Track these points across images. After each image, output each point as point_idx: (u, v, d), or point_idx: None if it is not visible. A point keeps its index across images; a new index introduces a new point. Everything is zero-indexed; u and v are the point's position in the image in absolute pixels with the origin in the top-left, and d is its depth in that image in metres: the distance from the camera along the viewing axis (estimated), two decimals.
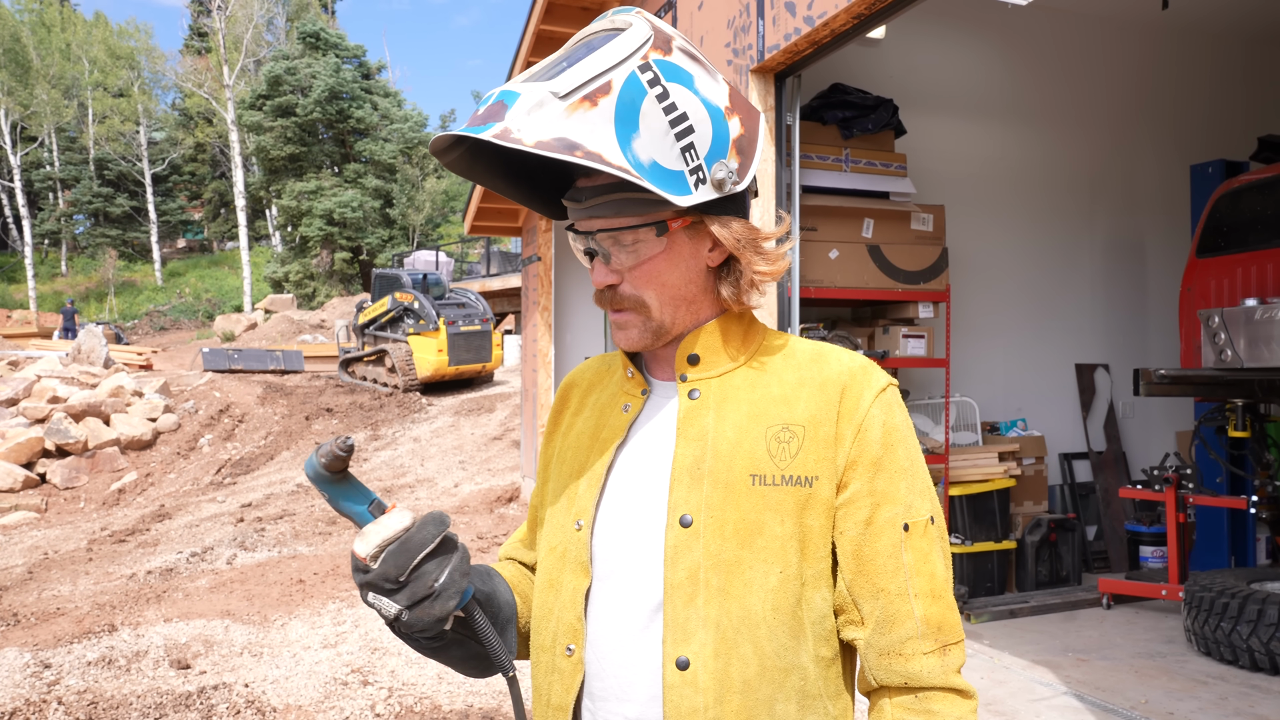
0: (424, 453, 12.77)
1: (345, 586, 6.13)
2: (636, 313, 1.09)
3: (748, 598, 1.01)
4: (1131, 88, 6.79)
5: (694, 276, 1.10)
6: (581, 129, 0.96)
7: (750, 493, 1.03)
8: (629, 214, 1.04)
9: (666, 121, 0.99)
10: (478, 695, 4.25)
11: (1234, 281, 5.31)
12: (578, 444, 1.19)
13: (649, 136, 0.98)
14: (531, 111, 0.95)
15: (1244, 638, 4.32)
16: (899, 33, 5.95)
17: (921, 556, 1.05)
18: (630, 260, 1.07)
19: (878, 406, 1.06)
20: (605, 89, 0.97)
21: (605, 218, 1.05)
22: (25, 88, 38.71)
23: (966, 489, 5.53)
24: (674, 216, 1.05)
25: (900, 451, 1.06)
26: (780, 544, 1.02)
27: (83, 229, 44.62)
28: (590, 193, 1.05)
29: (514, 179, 1.13)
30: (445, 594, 0.97)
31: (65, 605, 5.96)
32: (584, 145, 0.95)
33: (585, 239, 1.08)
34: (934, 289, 5.39)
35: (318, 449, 0.99)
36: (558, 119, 0.95)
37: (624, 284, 1.08)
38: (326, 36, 37.31)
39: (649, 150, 0.98)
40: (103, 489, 11.54)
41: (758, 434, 1.06)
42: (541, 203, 1.16)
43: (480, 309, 17.96)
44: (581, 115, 0.96)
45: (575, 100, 0.96)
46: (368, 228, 36.14)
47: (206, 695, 4.24)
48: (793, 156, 4.38)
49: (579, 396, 1.26)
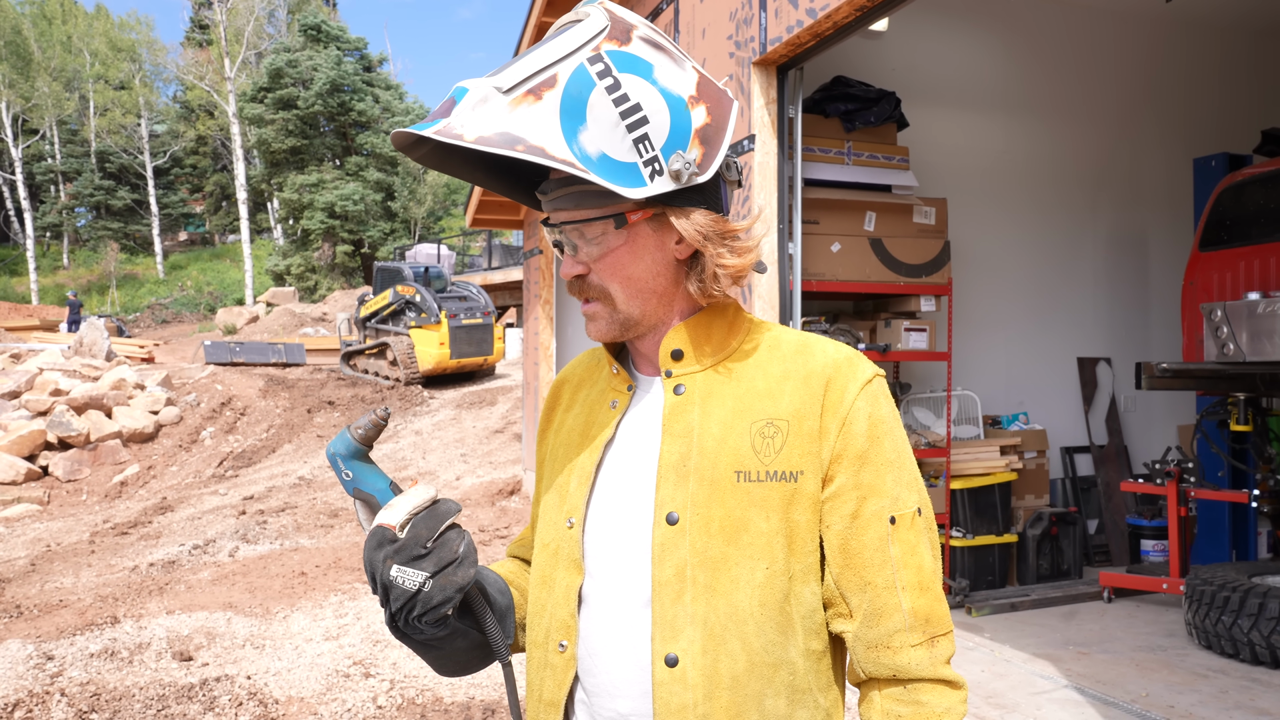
0: (426, 446, 12.78)
1: (347, 579, 6.14)
2: (603, 303, 1.10)
3: (735, 594, 1.01)
4: (1135, 80, 6.77)
5: (661, 269, 1.09)
6: (524, 124, 0.96)
7: (735, 489, 1.03)
8: (588, 206, 1.04)
9: (617, 113, 0.98)
10: (479, 688, 4.26)
11: (1236, 275, 5.30)
12: (568, 441, 1.19)
13: (597, 129, 0.98)
14: (475, 107, 0.96)
15: (1245, 631, 4.32)
16: (902, 25, 5.93)
17: (909, 549, 1.04)
18: (596, 251, 1.07)
19: (863, 399, 1.05)
20: (550, 82, 0.98)
21: (567, 210, 1.06)
22: (27, 80, 38.70)
23: (968, 482, 5.53)
24: (633, 209, 1.04)
25: (886, 444, 1.06)
26: (766, 540, 1.02)
27: (84, 222, 44.62)
28: (554, 185, 1.06)
29: (491, 172, 1.14)
30: (467, 560, 1.01)
31: (68, 597, 5.97)
32: (526, 140, 0.95)
33: (554, 230, 1.09)
34: (936, 282, 5.38)
35: (350, 425, 1.04)
36: (500, 114, 0.96)
37: (591, 274, 1.09)
38: (328, 29, 37.25)
39: (597, 143, 0.98)
40: (105, 481, 11.56)
41: (742, 429, 1.05)
42: (525, 195, 1.16)
43: (482, 302, 17.95)
44: (525, 110, 0.96)
45: (518, 95, 0.97)
46: (369, 221, 36.13)
47: (209, 687, 4.25)
48: (795, 149, 4.37)
49: (570, 393, 1.26)
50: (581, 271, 1.09)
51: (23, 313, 29.26)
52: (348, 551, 6.96)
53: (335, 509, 8.87)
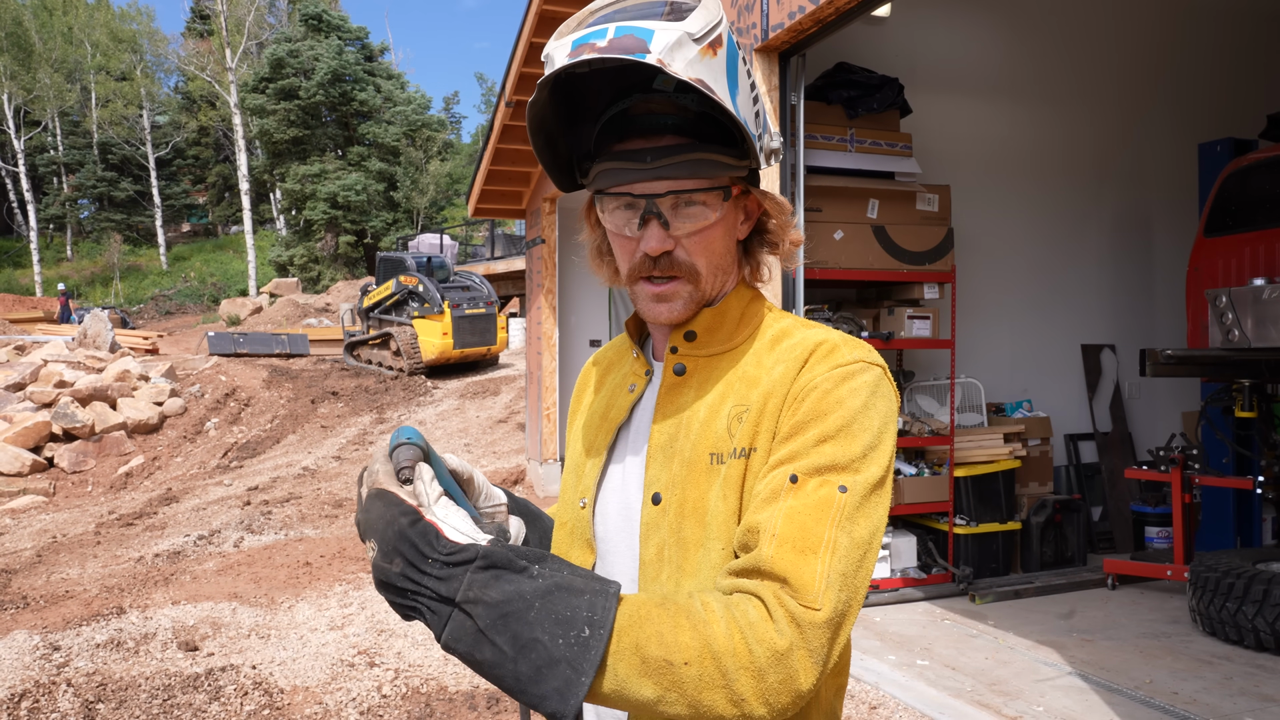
0: (429, 436, 12.79)
1: (351, 569, 6.15)
2: (687, 281, 1.07)
3: (700, 574, 1.01)
4: (1139, 65, 6.72)
5: (731, 246, 1.11)
6: (710, 74, 0.95)
7: (708, 471, 1.03)
8: (702, 176, 1.02)
9: (749, 84, 1.01)
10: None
11: (1242, 261, 5.27)
12: (590, 424, 1.21)
13: (742, 97, 1.00)
14: (673, 49, 0.93)
15: (1249, 618, 4.32)
16: (904, 11, 5.89)
17: (806, 510, 0.92)
18: (689, 226, 1.05)
19: (827, 377, 0.99)
20: (719, 41, 0.97)
21: (677, 179, 1.02)
22: (28, 72, 38.68)
23: (971, 470, 5.52)
24: (733, 183, 1.05)
25: (832, 419, 0.96)
26: (723, 520, 1.01)
27: (87, 213, 44.65)
28: (655, 154, 1.01)
29: (551, 140, 1.08)
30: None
31: (74, 588, 5.99)
32: (715, 92, 0.95)
33: (643, 203, 1.03)
34: (939, 270, 5.36)
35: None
36: (695, 60, 0.94)
37: (678, 249, 1.06)
38: (329, 18, 37.13)
39: (744, 109, 0.99)
40: (110, 473, 11.59)
41: (724, 414, 1.05)
42: (559, 170, 1.12)
43: (485, 292, 17.93)
44: (709, 62, 0.96)
45: (705, 45, 0.96)
46: (372, 211, 36.11)
47: (214, 677, 4.27)
48: (797, 136, 4.35)
49: (598, 376, 1.27)
50: (670, 247, 1.05)
51: (27, 305, 29.31)
52: (352, 541, 6.97)
53: (339, 499, 8.89)
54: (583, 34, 0.96)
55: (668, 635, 0.87)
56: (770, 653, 0.86)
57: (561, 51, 0.96)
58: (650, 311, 1.09)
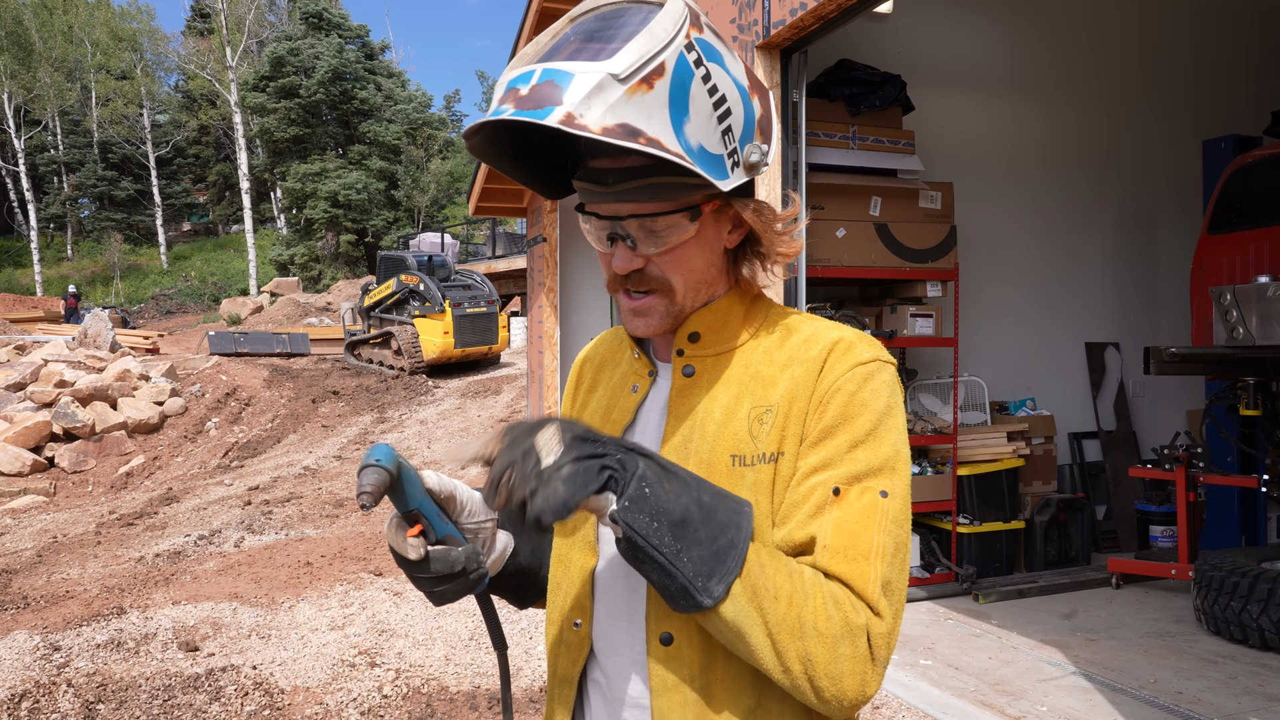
0: (431, 435, 12.78)
1: (352, 569, 6.14)
2: (661, 296, 1.06)
3: None
4: (1143, 62, 6.70)
5: (715, 259, 1.08)
6: (640, 114, 0.90)
7: (729, 474, 1.02)
8: (664, 199, 1.00)
9: (710, 104, 0.96)
10: (484, 677, 4.26)
11: (1246, 258, 5.25)
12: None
13: (697, 120, 0.94)
14: (591, 95, 0.89)
15: (1254, 617, 4.30)
16: (907, 7, 5.86)
17: (852, 520, 0.95)
18: (658, 245, 1.03)
19: (849, 378, 1.01)
20: (660, 70, 0.92)
21: (638, 202, 1.00)
22: (28, 71, 38.70)
23: (975, 469, 5.50)
24: (705, 200, 1.02)
25: (860, 422, 0.99)
26: (755, 522, 1.00)
27: (88, 213, 44.67)
28: (618, 175, 0.99)
29: (519, 158, 1.08)
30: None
31: (74, 588, 5.98)
32: (645, 132, 0.90)
33: (609, 224, 1.03)
34: (942, 267, 5.34)
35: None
36: (619, 103, 0.90)
37: (650, 266, 1.05)
38: (329, 16, 37.14)
39: (697, 134, 0.94)
40: (110, 473, 11.58)
41: (742, 415, 1.04)
42: (541, 182, 1.12)
43: (486, 291, 17.92)
44: (640, 99, 0.91)
45: (634, 83, 0.90)
46: (372, 210, 36.11)
47: (215, 677, 4.25)
48: (799, 134, 4.33)
49: (592, 372, 1.26)
50: (640, 265, 1.04)
51: (27, 304, 29.30)
52: (353, 541, 6.96)
53: (340, 499, 8.88)
54: (517, 73, 0.94)
55: (769, 568, 0.93)
56: (847, 625, 0.91)
57: (500, 89, 0.95)
58: (628, 325, 1.09)
